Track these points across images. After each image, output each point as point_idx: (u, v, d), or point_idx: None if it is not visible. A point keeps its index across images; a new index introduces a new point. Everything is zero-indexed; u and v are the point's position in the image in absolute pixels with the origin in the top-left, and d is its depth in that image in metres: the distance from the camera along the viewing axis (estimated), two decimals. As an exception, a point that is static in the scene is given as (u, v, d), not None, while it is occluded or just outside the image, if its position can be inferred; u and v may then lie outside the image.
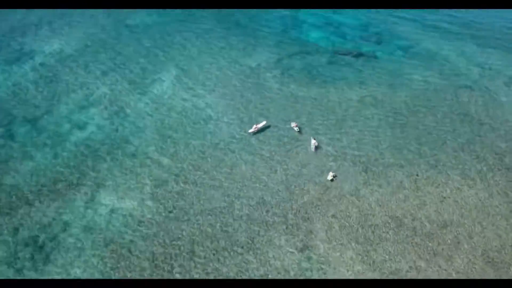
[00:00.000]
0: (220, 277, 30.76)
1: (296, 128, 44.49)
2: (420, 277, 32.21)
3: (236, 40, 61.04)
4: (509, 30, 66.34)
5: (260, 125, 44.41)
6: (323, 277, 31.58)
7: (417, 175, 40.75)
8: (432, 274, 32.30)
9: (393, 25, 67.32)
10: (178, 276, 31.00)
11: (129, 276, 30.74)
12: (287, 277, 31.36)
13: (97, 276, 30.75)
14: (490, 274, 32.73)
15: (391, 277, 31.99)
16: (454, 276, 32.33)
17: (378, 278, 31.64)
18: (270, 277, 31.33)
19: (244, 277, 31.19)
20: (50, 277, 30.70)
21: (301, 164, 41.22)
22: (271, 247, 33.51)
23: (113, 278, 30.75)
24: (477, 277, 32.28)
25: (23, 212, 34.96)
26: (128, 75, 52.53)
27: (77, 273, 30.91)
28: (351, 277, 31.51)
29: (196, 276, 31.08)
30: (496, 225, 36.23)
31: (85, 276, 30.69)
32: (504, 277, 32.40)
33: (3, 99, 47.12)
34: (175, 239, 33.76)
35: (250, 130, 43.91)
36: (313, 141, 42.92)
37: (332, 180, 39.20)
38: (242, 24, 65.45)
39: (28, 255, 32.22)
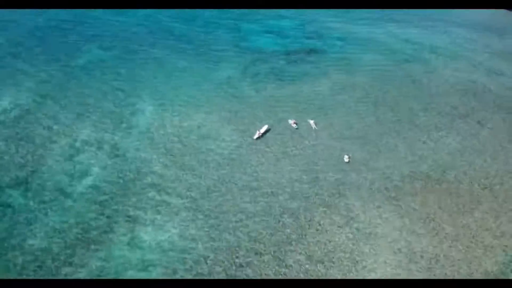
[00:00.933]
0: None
1: (294, 125, 47.93)
2: (445, 213, 38.16)
3: (196, 60, 62.28)
4: (418, 13, 79.66)
5: (263, 129, 46.86)
6: (371, 240, 35.38)
7: (405, 137, 47.54)
8: (454, 210, 38.54)
9: (324, 22, 75.54)
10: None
11: None
12: (342, 254, 34.39)
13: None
14: (489, 197, 40.30)
15: (423, 224, 37.28)
16: (465, 204, 39.07)
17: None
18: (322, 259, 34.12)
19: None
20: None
21: (312, 153, 44.81)
22: (320, 228, 36.27)
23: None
24: (480, 204, 39.41)
25: (67, 273, 31.89)
26: (104, 114, 50.09)
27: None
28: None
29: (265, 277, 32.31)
30: (478, 159, 44.47)
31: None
32: (500, 195, 40.24)
33: (-28, 169, 41.35)
34: (234, 246, 34.32)
35: (255, 137, 46.06)
36: (311, 122, 48.19)
37: (348, 161, 43.45)
38: (193, 44, 66.83)
39: (93, 313, 29.67)
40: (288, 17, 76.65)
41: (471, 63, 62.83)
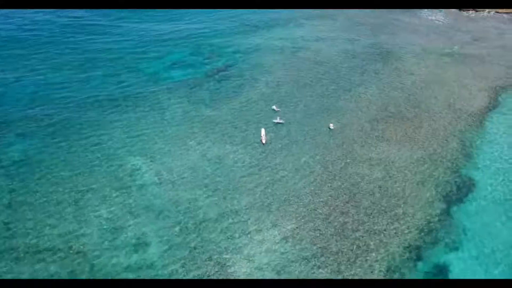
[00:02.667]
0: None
1: (281, 121, 56.17)
2: (410, 130, 54.22)
3: (138, 110, 59.84)
4: (272, 17, 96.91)
5: (263, 133, 53.21)
6: (388, 166, 47.87)
7: (346, 98, 62.17)
8: (412, 127, 55.09)
9: (212, 44, 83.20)
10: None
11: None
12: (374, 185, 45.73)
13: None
14: (422, 113, 58.79)
15: (407, 143, 52.25)
16: (414, 122, 56.30)
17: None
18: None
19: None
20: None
21: (306, 132, 54.02)
22: (357, 173, 46.52)
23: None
24: (422, 119, 57.39)
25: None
26: (101, 186, 45.10)
27: None
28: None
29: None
30: (397, 94, 63.04)
31: None
32: (425, 109, 59.25)
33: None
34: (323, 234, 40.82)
35: (264, 141, 51.95)
36: (274, 107, 58.77)
37: (333, 128, 54.55)
38: (119, 96, 63.68)
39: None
40: (177, 50, 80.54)
41: (333, 40, 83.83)
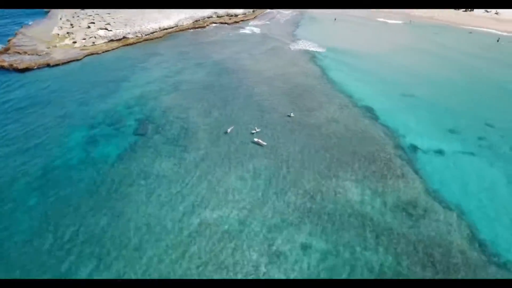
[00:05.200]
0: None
1: (258, 129, 70.29)
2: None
3: (135, 193, 56.69)
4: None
5: (260, 141, 66.45)
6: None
7: (261, 100, 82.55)
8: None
9: (93, 109, 78.75)
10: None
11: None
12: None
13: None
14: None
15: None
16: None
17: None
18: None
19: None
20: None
21: (282, 127, 71.59)
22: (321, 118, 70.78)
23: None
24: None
25: None
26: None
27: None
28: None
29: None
30: (286, 79, 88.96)
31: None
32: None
33: None
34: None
35: (264, 143, 65.85)
36: (230, 128, 71.63)
37: (293, 115, 74.99)
38: (80, 185, 56.80)
39: None
40: (73, 130, 71.87)
41: (189, 69, 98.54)
